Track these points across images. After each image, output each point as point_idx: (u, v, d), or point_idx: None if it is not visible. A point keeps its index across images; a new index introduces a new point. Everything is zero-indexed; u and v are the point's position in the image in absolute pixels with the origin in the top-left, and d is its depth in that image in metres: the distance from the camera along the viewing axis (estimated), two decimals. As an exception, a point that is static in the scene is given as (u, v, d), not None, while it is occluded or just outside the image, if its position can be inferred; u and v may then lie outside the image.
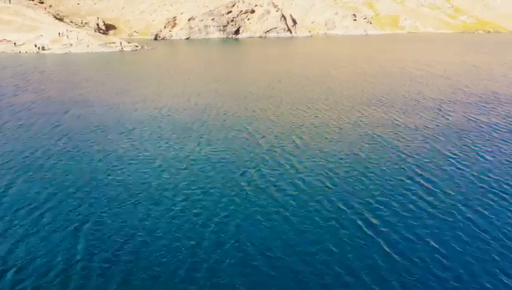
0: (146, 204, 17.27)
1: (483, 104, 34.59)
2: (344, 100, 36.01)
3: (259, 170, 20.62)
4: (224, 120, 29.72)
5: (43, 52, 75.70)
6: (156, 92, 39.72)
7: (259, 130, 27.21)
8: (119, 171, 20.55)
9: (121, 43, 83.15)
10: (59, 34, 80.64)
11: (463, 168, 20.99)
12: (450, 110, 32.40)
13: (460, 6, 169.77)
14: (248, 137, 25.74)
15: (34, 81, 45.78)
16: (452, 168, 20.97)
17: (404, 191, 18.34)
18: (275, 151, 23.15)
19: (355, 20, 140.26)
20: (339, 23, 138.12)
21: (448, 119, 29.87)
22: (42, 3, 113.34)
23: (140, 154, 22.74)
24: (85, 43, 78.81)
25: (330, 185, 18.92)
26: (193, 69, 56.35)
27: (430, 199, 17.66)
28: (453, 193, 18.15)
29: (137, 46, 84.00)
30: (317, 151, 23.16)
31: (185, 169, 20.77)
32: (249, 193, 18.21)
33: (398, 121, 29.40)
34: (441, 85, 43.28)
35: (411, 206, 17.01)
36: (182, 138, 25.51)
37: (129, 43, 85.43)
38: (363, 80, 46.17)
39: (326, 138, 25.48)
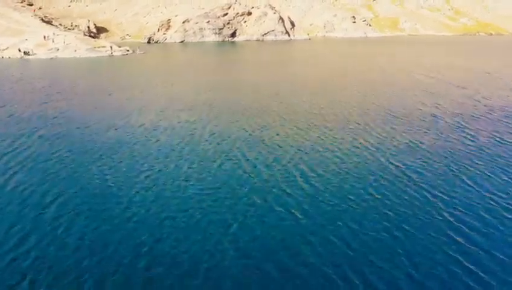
0: (95, 279, 12.34)
1: None
2: (350, 116, 31.09)
3: (250, 224, 15.63)
4: (213, 144, 24.75)
5: (28, 57, 70.64)
6: (139, 106, 34.73)
7: (254, 158, 22.23)
8: (68, 225, 15.58)
9: (111, 47, 78.12)
10: (44, 37, 75.57)
11: (513, 217, 16.10)
12: (476, 129, 27.50)
13: (460, 8, 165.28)
14: (239, 170, 20.74)
15: (3, 92, 40.75)
16: (503, 221, 16.03)
17: (447, 261, 13.42)
18: (270, 193, 18.17)
19: (354, 22, 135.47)
20: (338, 25, 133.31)
21: (477, 142, 24.93)
22: (31, 5, 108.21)
23: (102, 198, 17.75)
24: (72, 47, 73.75)
25: (346, 249, 13.97)
26: (184, 77, 51.39)
27: (485, 275, 12.77)
28: (512, 263, 13.27)
29: (128, 51, 79.00)
30: (323, 192, 18.19)
31: (154, 221, 15.80)
32: (233, 265, 13.27)
33: (417, 144, 24.46)
34: (457, 96, 38.40)
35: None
36: (158, 172, 20.51)
37: (120, 47, 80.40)
38: (370, 90, 41.26)
39: (334, 171, 20.51)
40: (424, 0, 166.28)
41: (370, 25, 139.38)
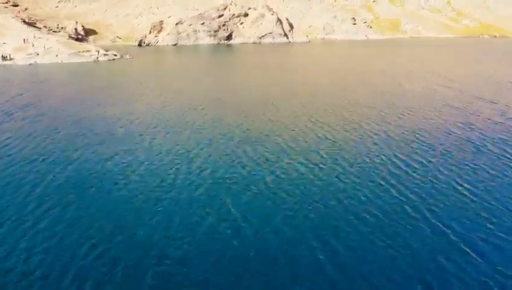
0: None
1: None
2: (369, 144, 24.88)
3: None
4: (197, 189, 18.48)
5: (4, 62, 64.00)
6: (111, 129, 28.38)
7: (250, 214, 15.96)
8: None
9: (98, 52, 71.64)
10: (24, 41, 69.03)
11: None
12: (532, 167, 21.36)
13: (462, 9, 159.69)
14: (232, 241, 14.47)
15: (-42, 108, 34.36)
16: None
17: None
18: (272, 283, 11.94)
19: (354, 24, 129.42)
20: (338, 27, 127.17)
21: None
22: (17, 6, 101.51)
23: (30, 280, 11.49)
24: (53, 52, 67.21)
25: None
26: (173, 88, 45.06)
27: None
28: None
29: (115, 55, 72.50)
30: (350, 277, 12.00)
31: None
32: None
33: (468, 194, 18.16)
34: (490, 114, 32.18)
35: None
36: (116, 238, 14.22)
37: (107, 51, 73.90)
38: (386, 106, 35.08)
39: (361, 238, 14.30)
40: (424, 1, 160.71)
41: (371, 27, 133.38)
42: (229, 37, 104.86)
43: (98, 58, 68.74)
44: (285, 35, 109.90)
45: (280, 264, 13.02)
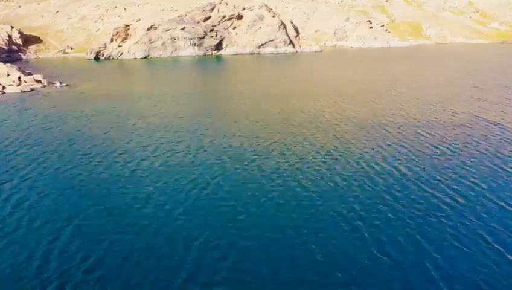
0: None
1: None
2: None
3: None
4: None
5: None
6: None
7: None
8: None
9: (19, 78, 43.87)
10: None
11: None
12: None
13: (486, 11, 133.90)
14: None
15: None
16: None
17: None
18: None
19: (371, 28, 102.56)
20: (352, 32, 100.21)
21: None
22: None
23: None
24: None
25: None
26: (111, 160, 17.82)
27: None
28: None
29: (39, 82, 44.67)
30: None
31: None
32: None
33: None
34: None
35: None
36: None
37: (29, 75, 46.09)
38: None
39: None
40: (444, 1, 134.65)
41: (389, 31, 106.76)
42: (218, 46, 77.24)
43: (3, 89, 40.88)
44: (291, 43, 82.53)
45: None
